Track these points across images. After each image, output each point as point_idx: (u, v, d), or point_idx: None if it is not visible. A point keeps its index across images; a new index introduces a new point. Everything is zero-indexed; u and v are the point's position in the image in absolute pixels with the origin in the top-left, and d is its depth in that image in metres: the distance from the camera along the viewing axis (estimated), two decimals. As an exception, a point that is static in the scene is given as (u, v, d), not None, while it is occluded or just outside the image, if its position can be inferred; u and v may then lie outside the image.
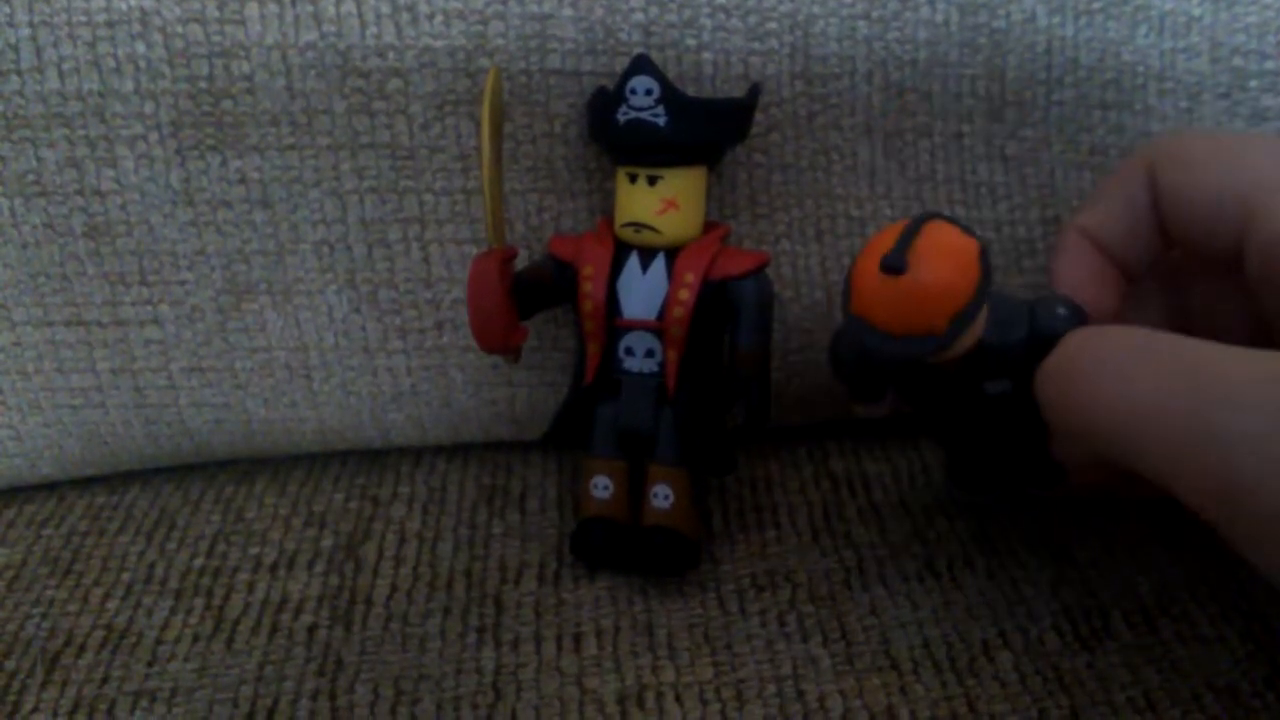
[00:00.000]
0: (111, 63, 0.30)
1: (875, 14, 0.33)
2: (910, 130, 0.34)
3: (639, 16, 0.32)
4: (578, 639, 0.29)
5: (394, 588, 0.31)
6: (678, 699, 0.27)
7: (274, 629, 0.30)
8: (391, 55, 0.31)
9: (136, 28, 0.30)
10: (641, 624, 0.30)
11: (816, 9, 0.33)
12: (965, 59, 0.34)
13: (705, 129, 0.30)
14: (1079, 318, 0.27)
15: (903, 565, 0.32)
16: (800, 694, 0.27)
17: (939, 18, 0.33)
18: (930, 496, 0.35)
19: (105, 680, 0.28)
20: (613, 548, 0.31)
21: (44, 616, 0.31)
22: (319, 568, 0.32)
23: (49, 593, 0.31)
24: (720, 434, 0.32)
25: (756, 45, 0.33)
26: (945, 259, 0.24)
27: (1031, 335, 0.26)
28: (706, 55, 0.32)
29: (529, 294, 0.30)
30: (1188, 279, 0.30)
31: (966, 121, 0.34)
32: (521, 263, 0.31)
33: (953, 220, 0.25)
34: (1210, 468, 0.21)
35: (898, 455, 0.37)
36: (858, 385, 0.30)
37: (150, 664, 0.29)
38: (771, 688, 0.28)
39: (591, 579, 0.31)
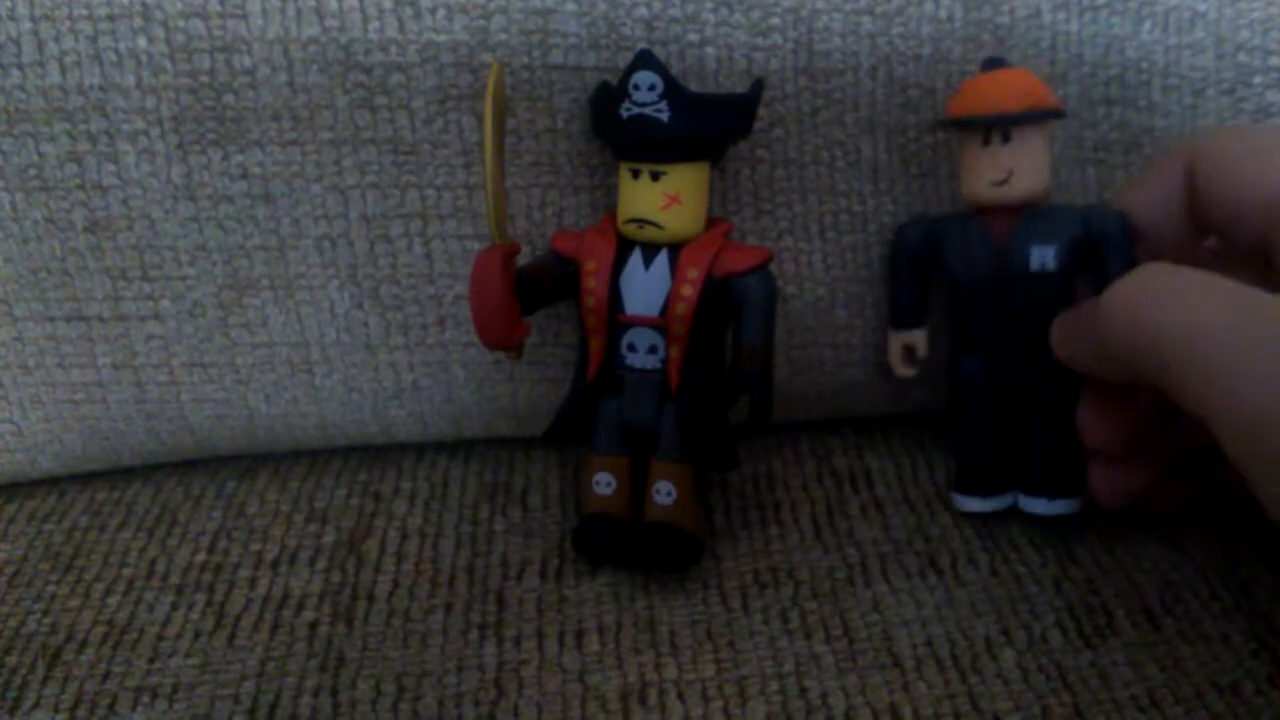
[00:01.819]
0: (113, 57, 0.30)
1: (879, 9, 0.33)
2: (913, 126, 0.34)
3: (642, 11, 0.32)
4: (580, 636, 0.29)
5: (396, 584, 0.31)
6: (680, 696, 0.27)
7: (275, 625, 0.30)
8: (393, 50, 0.31)
9: (138, 22, 0.30)
10: (644, 621, 0.30)
11: (820, 4, 0.33)
12: (969, 55, 0.34)
13: (708, 124, 0.30)
14: (1128, 225, 0.30)
15: (905, 562, 0.32)
16: (803, 691, 0.27)
17: (943, 13, 0.33)
18: (933, 492, 0.35)
19: (106, 676, 0.28)
20: (615, 544, 0.31)
21: (45, 612, 0.31)
22: (321, 564, 0.32)
23: (50, 588, 0.31)
24: (723, 430, 0.32)
25: (760, 40, 0.32)
26: (1028, 78, 0.31)
27: (1084, 229, 0.31)
28: (710, 50, 0.32)
29: (531, 290, 0.30)
30: (1224, 269, 0.30)
31: (970, 117, 0.34)
32: (524, 258, 0.31)
33: None
34: (1246, 400, 0.22)
35: (900, 451, 0.37)
36: (906, 282, 0.34)
37: (151, 660, 0.29)
38: (774, 685, 0.28)
39: (593, 575, 0.31)
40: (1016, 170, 0.30)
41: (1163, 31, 0.35)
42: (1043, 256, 0.31)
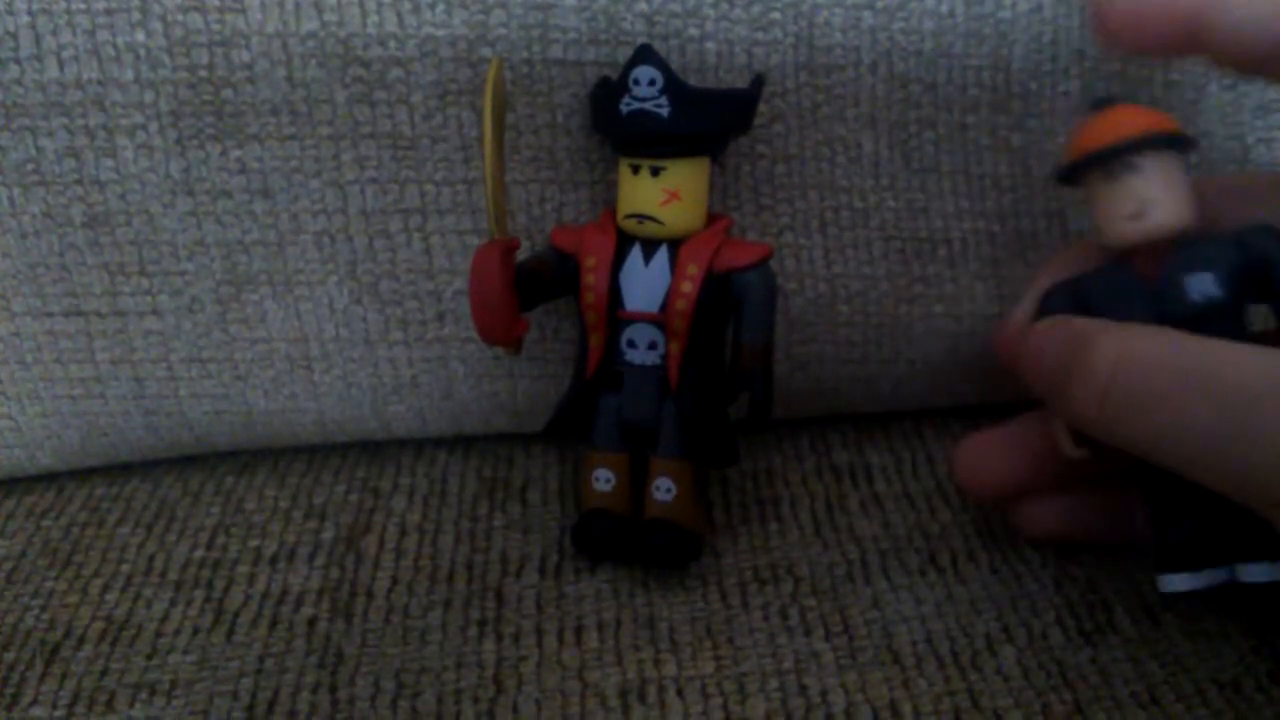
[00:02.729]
0: (111, 51, 0.30)
1: (880, 4, 0.33)
2: (915, 121, 0.34)
3: (642, 6, 0.32)
4: (579, 632, 0.29)
5: (394, 580, 0.31)
6: (679, 693, 0.27)
7: (274, 621, 0.30)
8: (393, 44, 0.31)
9: (136, 16, 0.30)
10: (643, 617, 0.30)
11: (821, -1, 0.32)
12: (970, 50, 0.34)
13: (709, 120, 0.30)
14: None
15: (905, 559, 0.32)
16: (802, 688, 0.27)
17: (944, 8, 0.33)
18: (933, 487, 0.35)
19: (105, 672, 0.28)
20: (614, 540, 0.31)
21: (43, 608, 0.31)
22: (319, 560, 0.32)
23: (48, 584, 0.31)
24: (722, 426, 0.32)
25: (760, 35, 0.32)
26: (1143, 109, 0.28)
27: (1243, 253, 0.27)
28: (710, 45, 0.32)
29: (531, 285, 0.30)
30: None
31: (971, 113, 0.34)
32: (523, 254, 0.31)
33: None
34: (1260, 472, 0.22)
35: (901, 447, 0.37)
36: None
37: (150, 656, 0.29)
38: (773, 682, 0.28)
39: (593, 572, 0.31)
40: (1150, 201, 0.27)
41: (1164, 27, 0.35)
42: (1203, 285, 0.27)
